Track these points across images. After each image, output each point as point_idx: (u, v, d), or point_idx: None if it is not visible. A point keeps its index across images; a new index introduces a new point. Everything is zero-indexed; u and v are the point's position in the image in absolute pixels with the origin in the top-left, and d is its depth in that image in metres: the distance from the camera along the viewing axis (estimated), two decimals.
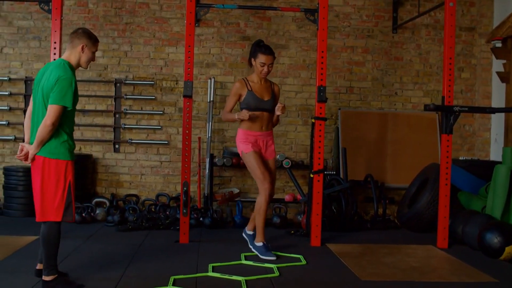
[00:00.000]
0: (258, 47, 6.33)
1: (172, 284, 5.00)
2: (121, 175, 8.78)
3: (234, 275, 5.32)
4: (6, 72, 8.68)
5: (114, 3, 8.72)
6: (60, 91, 4.69)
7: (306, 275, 5.48)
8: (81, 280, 5.07)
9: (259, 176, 6.16)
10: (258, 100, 6.29)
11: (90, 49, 4.95)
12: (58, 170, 4.73)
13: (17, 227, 7.44)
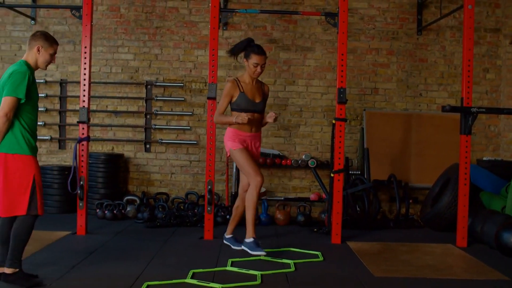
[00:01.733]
0: (251, 47, 6.31)
1: (190, 277, 5.24)
2: (152, 174, 9.07)
3: (251, 269, 5.53)
4: (42, 75, 9.04)
5: (145, 7, 9.01)
6: (13, 83, 4.77)
7: (321, 271, 5.66)
8: (103, 272, 5.37)
9: (250, 171, 6.15)
10: (250, 102, 6.31)
11: (47, 50, 5.03)
12: (20, 166, 4.80)
13: (51, 223, 7.77)
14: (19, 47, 9.08)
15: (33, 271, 5.26)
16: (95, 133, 9.07)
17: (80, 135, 7.08)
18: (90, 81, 7.11)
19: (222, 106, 6.36)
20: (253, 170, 6.15)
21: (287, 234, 7.52)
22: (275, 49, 8.94)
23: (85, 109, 7.05)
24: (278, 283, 5.18)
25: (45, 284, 4.89)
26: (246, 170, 6.20)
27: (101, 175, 8.65)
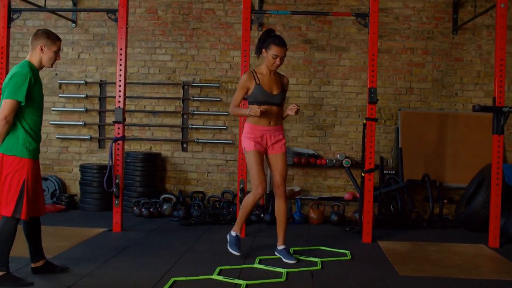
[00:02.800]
0: (271, 38, 6.00)
1: (217, 273, 5.35)
2: (188, 173, 9.23)
3: (278, 267, 5.62)
4: (82, 76, 9.29)
5: (182, 9, 9.18)
6: (14, 86, 4.76)
7: (346, 269, 5.72)
8: (133, 267, 5.53)
9: (254, 179, 5.90)
10: (267, 95, 5.98)
11: (50, 48, 5.00)
12: (13, 167, 4.79)
13: (89, 220, 8.00)
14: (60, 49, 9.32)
15: (69, 264, 5.48)
16: (133, 133, 9.27)
17: (116, 134, 7.27)
18: (125, 82, 7.29)
19: (237, 98, 6.07)
20: (258, 180, 5.88)
21: (319, 233, 7.58)
22: (310, 49, 9.01)
23: (120, 109, 7.23)
24: (303, 280, 5.26)
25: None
26: (252, 175, 5.94)
27: (138, 174, 8.84)
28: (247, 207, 6.04)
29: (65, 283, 4.88)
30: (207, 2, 9.16)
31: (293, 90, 8.99)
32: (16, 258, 5.51)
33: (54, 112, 9.35)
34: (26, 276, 5.04)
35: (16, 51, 9.38)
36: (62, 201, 8.95)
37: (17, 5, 8.48)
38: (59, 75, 9.35)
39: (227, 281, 5.11)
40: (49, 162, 9.39)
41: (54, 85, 9.35)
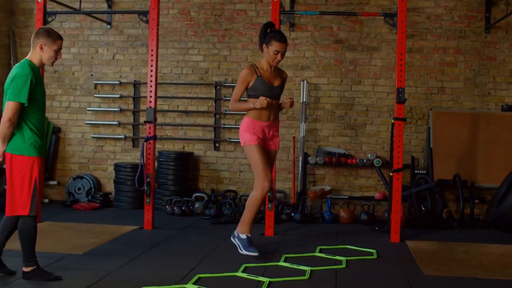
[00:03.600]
0: (272, 33, 5.96)
1: (242, 271, 5.43)
2: (221, 172, 9.34)
3: (303, 265, 5.68)
4: (117, 77, 9.47)
5: (214, 10, 9.29)
6: (15, 87, 4.83)
7: (371, 268, 5.76)
8: (160, 263, 5.66)
9: (260, 173, 5.86)
10: (268, 87, 5.96)
11: (50, 47, 5.00)
12: (23, 166, 4.88)
13: (122, 218, 8.16)
14: (95, 50, 9.53)
15: (95, 262, 5.64)
16: (166, 132, 9.42)
17: (147, 134, 7.41)
18: (156, 83, 7.41)
19: (238, 93, 6.02)
20: (264, 173, 5.87)
21: (349, 232, 7.61)
22: (341, 49, 9.03)
23: (151, 109, 7.36)
24: (326, 278, 5.31)
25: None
26: (256, 170, 5.92)
27: (171, 173, 8.98)
28: (255, 205, 5.97)
29: (92, 279, 5.01)
30: (239, 3, 9.26)
31: (324, 90, 9.04)
32: (49, 254, 5.72)
33: (90, 112, 9.55)
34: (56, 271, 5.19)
35: None
36: (96, 199, 9.14)
37: (54, 8, 8.69)
38: (94, 75, 9.54)
39: (251, 279, 5.19)
40: (84, 161, 9.60)
41: (89, 86, 9.55)
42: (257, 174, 5.90)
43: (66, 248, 6.19)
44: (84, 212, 8.64)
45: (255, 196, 5.94)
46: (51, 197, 9.60)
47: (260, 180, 5.87)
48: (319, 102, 9.06)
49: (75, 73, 9.61)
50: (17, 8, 9.67)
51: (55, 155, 9.62)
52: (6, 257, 5.30)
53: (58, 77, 9.62)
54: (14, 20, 9.68)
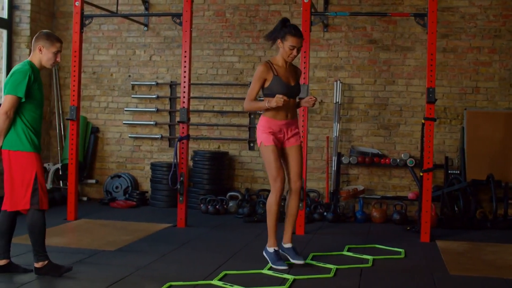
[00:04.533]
0: (287, 28, 5.74)
1: (268, 268, 5.53)
2: (255, 172, 9.44)
3: (329, 263, 5.74)
4: (154, 78, 9.65)
5: (249, 12, 9.40)
6: (14, 82, 4.92)
7: (397, 267, 5.79)
8: (189, 260, 5.82)
9: (273, 173, 5.68)
10: (285, 86, 5.70)
11: (49, 49, 5.08)
12: (21, 162, 4.95)
13: (157, 216, 8.32)
14: (133, 52, 9.74)
15: (126, 258, 5.79)
16: (202, 132, 9.57)
17: (180, 134, 7.56)
18: (189, 83, 7.56)
19: (253, 91, 5.77)
20: (276, 172, 5.68)
21: (379, 232, 7.64)
22: (374, 49, 9.05)
23: (185, 110, 7.50)
24: (350, 276, 5.36)
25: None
26: (269, 170, 5.72)
27: (206, 172, 9.11)
28: (271, 212, 5.77)
29: (120, 275, 5.15)
30: (273, 4, 9.35)
31: (358, 90, 9.07)
32: (82, 250, 5.91)
33: (127, 112, 9.76)
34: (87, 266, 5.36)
35: (92, 54, 9.86)
36: (133, 197, 9.33)
37: (93, 11, 8.92)
38: (132, 76, 9.74)
39: (276, 276, 5.28)
40: (122, 160, 9.81)
41: (127, 86, 9.76)
42: (270, 175, 5.73)
43: (100, 244, 6.37)
44: (121, 210, 8.84)
45: (270, 201, 5.75)
46: (89, 195, 9.85)
47: (272, 181, 5.71)
48: (353, 102, 9.10)
49: (113, 74, 9.84)
50: (58, 11, 9.93)
51: (93, 154, 9.85)
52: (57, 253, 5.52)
53: (97, 78, 9.85)
54: (55, 23, 9.96)
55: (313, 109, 9.13)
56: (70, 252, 5.93)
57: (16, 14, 9.34)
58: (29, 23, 9.31)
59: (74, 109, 7.72)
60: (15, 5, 9.30)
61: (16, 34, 9.35)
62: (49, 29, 9.70)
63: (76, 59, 7.75)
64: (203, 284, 4.98)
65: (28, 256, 5.66)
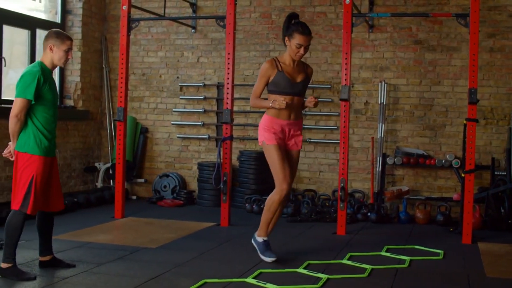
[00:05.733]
0: (294, 25, 5.64)
1: (304, 267, 5.61)
2: (301, 172, 9.51)
3: (366, 264, 5.79)
4: (201, 79, 9.83)
5: None
6: (23, 84, 4.97)
7: (433, 268, 5.80)
8: (226, 258, 5.97)
9: (279, 174, 5.60)
10: (289, 82, 5.62)
11: (59, 47, 5.11)
12: (25, 163, 5.00)
13: (203, 215, 8.49)
14: (181, 54, 9.94)
15: (166, 255, 5.97)
16: (249, 133, 9.69)
17: (224, 134, 7.71)
18: (233, 85, 7.69)
19: (258, 89, 5.74)
20: (282, 175, 5.59)
21: (422, 233, 7.62)
22: (420, 49, 9.02)
23: (228, 111, 7.64)
24: (384, 277, 5.40)
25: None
26: (274, 171, 5.66)
27: (252, 172, 9.23)
28: (271, 207, 5.71)
29: (157, 271, 5.32)
30: (318, 5, 9.41)
31: (404, 91, 9.06)
32: (125, 247, 6.10)
33: (175, 113, 9.97)
34: (126, 263, 5.54)
35: (141, 56, 10.10)
36: (181, 196, 9.52)
37: (142, 15, 9.15)
38: (180, 78, 9.94)
39: (310, 275, 5.36)
40: (170, 160, 10.03)
41: (175, 88, 9.96)
42: (276, 176, 5.65)
43: (142, 242, 6.56)
44: (168, 208, 9.03)
45: (273, 198, 5.67)
46: (139, 194, 10.10)
47: (279, 182, 5.62)
48: (398, 103, 9.09)
49: (162, 76, 10.05)
50: (109, 14, 10.21)
51: (143, 154, 10.10)
52: (86, 249, 5.74)
53: (146, 80, 10.09)
54: (106, 26, 10.24)
55: (358, 110, 9.17)
56: (113, 249, 6.13)
57: (68, 18, 9.66)
58: (81, 27, 9.63)
59: (121, 110, 7.95)
60: (68, 9, 9.62)
61: None
62: (99, 32, 10.02)
63: (123, 61, 7.96)
64: (237, 282, 5.10)
65: (73, 252, 5.92)
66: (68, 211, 8.25)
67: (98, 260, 5.66)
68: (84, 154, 9.87)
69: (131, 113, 10.03)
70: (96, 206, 8.92)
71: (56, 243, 6.23)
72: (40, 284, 4.88)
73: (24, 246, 5.90)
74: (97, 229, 7.22)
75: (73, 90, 9.69)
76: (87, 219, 7.81)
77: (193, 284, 4.94)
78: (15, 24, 8.61)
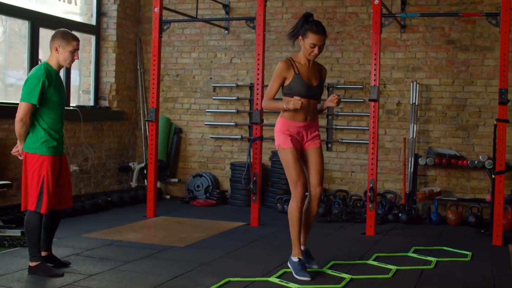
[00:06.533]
0: (308, 24, 5.47)
1: (328, 267, 5.63)
2: (333, 172, 9.53)
3: (392, 264, 5.79)
4: (234, 80, 9.92)
5: (326, 14, 9.50)
6: (27, 88, 5.03)
7: (459, 270, 5.76)
8: (252, 257, 6.05)
9: (293, 178, 5.38)
10: (305, 86, 5.39)
11: (65, 48, 5.16)
12: (34, 164, 5.08)
13: (234, 215, 8.56)
14: (214, 55, 10.04)
15: (192, 254, 6.05)
16: None
17: (254, 135, 7.78)
18: (263, 85, 7.73)
19: (272, 90, 5.47)
20: (296, 177, 5.38)
21: (452, 234, 7.58)
22: (453, 49, 8.95)
23: (258, 111, 7.69)
24: (409, 278, 5.39)
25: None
26: (289, 175, 5.45)
27: (284, 172, 9.22)
28: (293, 219, 5.43)
29: (182, 270, 5.42)
30: (350, 6, 9.41)
31: (436, 91, 9.00)
32: (153, 245, 6.20)
33: (209, 114, 10.08)
34: (153, 261, 5.64)
35: (175, 57, 10.23)
36: (214, 196, 9.62)
37: (175, 16, 9.27)
38: (213, 78, 10.04)
39: (334, 275, 5.39)
40: (204, 160, 10.14)
41: (208, 88, 10.06)
42: (290, 180, 5.45)
43: (171, 240, 6.66)
44: (200, 208, 9.14)
45: (291, 207, 5.43)
46: (172, 193, 10.23)
47: (293, 186, 5.41)
48: (431, 103, 9.04)
49: (196, 77, 10.17)
50: (144, 16, 10.36)
51: (176, 154, 10.22)
52: (115, 247, 5.87)
53: (180, 81, 10.22)
54: (141, 28, 10.40)
55: (390, 110, 9.15)
56: (142, 247, 6.24)
57: (103, 21, 9.85)
58: (116, 29, 9.81)
59: (153, 110, 8.07)
60: (103, 12, 9.81)
61: (104, 39, 9.86)
62: (134, 34, 10.18)
63: (155, 63, 8.08)
64: (260, 281, 5.16)
65: (102, 249, 6.05)
66: (101, 209, 8.43)
67: (126, 258, 5.78)
68: (119, 154, 10.04)
69: (165, 113, 10.18)
70: (130, 205, 9.07)
71: (86, 241, 6.44)
72: (67, 280, 4.99)
73: (55, 244, 6.04)
74: (128, 227, 7.35)
75: (108, 91, 9.87)
76: (119, 218, 7.96)
77: (216, 282, 5.01)
78: (51, 27, 8.79)
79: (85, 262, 5.59)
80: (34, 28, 8.34)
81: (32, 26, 8.37)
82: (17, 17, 8.36)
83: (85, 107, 9.28)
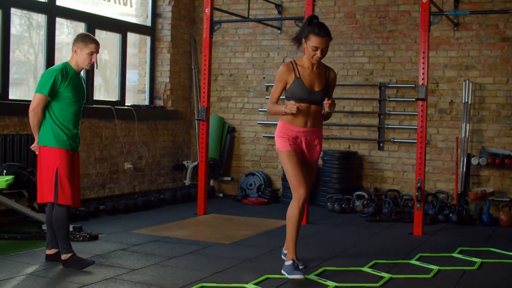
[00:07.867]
0: (311, 26, 5.21)
1: (369, 266, 5.65)
2: (384, 171, 9.50)
3: (434, 264, 5.75)
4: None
5: (379, 13, 9.47)
6: (41, 81, 5.24)
7: (502, 272, 5.69)
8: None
9: (293, 181, 5.28)
10: (306, 91, 5.24)
11: (83, 50, 5.31)
12: (47, 156, 5.24)
13: (284, 213, 8.47)
14: (267, 55, 10.14)
15: (236, 251, 6.17)
16: (333, 132, 9.77)
17: None
18: None
19: (275, 94, 5.37)
20: (297, 181, 5.26)
21: (503, 235, 7.46)
22: (507, 47, 8.80)
23: None
24: (449, 278, 5.36)
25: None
26: (289, 178, 5.33)
27: (335, 171, 9.30)
28: (292, 221, 5.38)
29: (223, 266, 5.53)
30: (402, 4, 9.36)
31: (490, 90, 8.87)
32: (199, 242, 6.34)
33: (261, 113, 10.17)
34: (196, 257, 5.77)
35: (229, 57, 10.38)
36: (265, 195, 9.71)
37: (229, 17, 9.40)
38: (266, 78, 10.14)
39: (373, 273, 5.41)
40: (256, 159, 10.25)
41: (261, 88, 10.17)
42: (291, 183, 5.33)
43: (217, 238, 6.79)
44: (251, 206, 9.24)
45: (292, 209, 5.37)
46: (225, 192, 10.38)
47: (294, 188, 5.30)
48: (484, 102, 8.91)
49: (249, 76, 10.29)
50: (198, 17, 10.54)
51: (230, 153, 10.36)
52: (162, 243, 6.03)
53: (233, 80, 10.35)
54: (195, 28, 10.59)
55: (443, 109, 9.07)
56: (187, 244, 6.39)
57: (158, 22, 10.08)
58: (170, 30, 10.03)
59: (203, 110, 8.21)
60: (158, 13, 10.04)
61: (159, 40, 10.09)
62: (189, 34, 10.37)
63: (206, 63, 8.21)
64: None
65: (148, 245, 6.22)
66: (154, 207, 8.63)
67: (170, 253, 5.93)
68: (173, 153, 10.25)
69: (219, 112, 10.33)
70: (182, 202, 9.24)
71: (134, 237, 6.62)
72: (110, 273, 5.16)
73: (104, 239, 6.24)
74: (176, 224, 7.51)
75: (162, 91, 10.08)
76: (170, 215, 8.13)
77: (255, 279, 5.11)
78: (107, 28, 9.08)
79: (130, 257, 5.76)
80: (90, 29, 8.58)
81: (89, 27, 8.62)
82: (74, 20, 8.63)
83: (140, 107, 9.51)
